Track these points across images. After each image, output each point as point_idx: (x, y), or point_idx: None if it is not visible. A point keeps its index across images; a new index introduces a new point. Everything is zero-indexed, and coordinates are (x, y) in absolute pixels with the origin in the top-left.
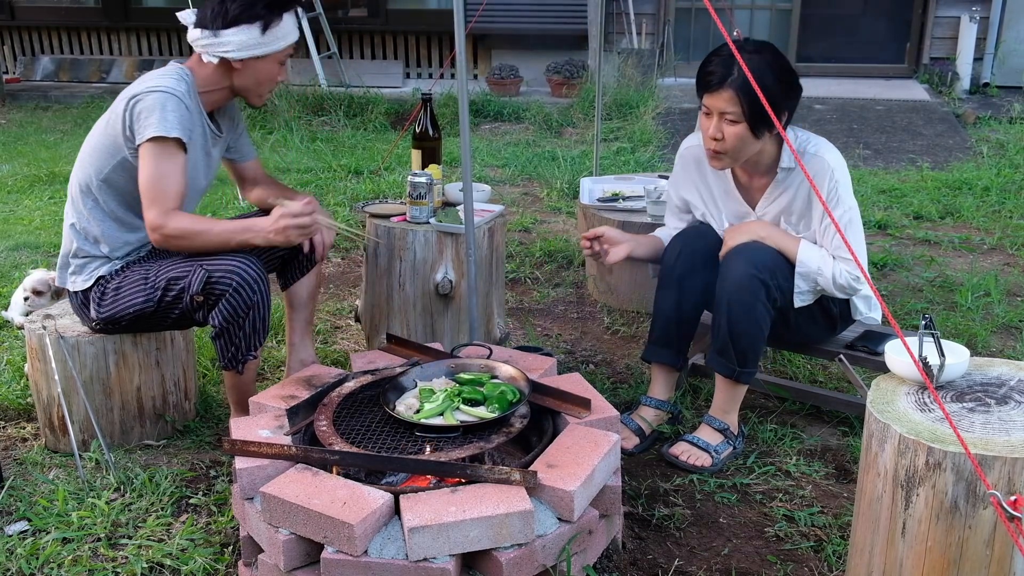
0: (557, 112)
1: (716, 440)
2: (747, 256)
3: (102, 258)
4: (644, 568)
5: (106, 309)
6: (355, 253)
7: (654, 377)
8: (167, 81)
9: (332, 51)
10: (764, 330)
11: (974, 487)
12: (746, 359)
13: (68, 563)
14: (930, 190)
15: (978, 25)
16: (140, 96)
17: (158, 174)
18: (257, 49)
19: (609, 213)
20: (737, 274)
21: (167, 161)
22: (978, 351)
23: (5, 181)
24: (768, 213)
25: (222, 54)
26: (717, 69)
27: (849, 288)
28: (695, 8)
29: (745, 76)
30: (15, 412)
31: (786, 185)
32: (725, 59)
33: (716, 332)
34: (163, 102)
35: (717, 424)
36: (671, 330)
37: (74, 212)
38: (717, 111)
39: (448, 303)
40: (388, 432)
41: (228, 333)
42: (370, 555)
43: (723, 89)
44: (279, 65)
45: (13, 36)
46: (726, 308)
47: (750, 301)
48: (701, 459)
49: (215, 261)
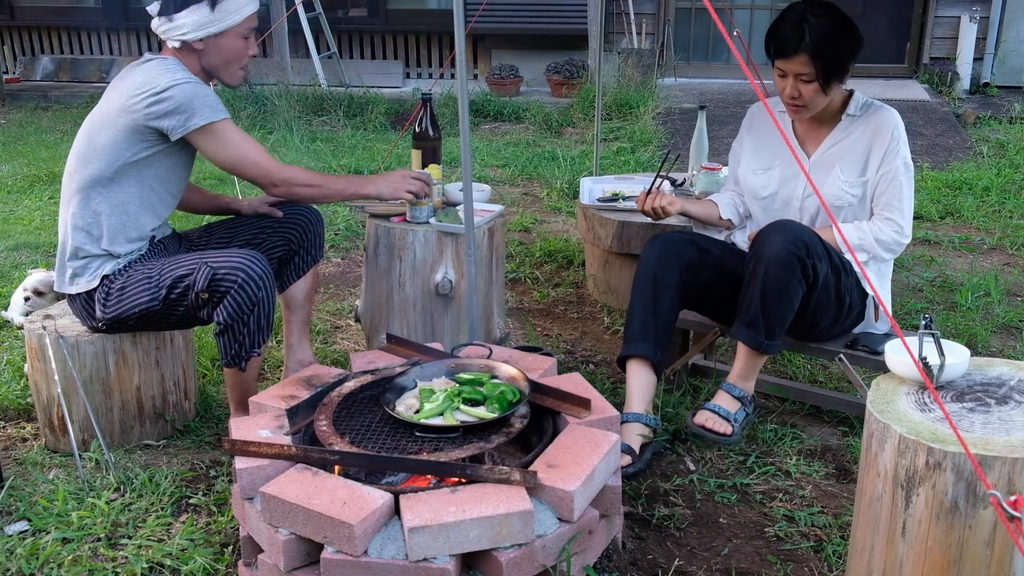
0: (557, 112)
1: (735, 408)
2: (787, 232)
3: (103, 256)
4: (644, 568)
5: (112, 309)
6: (355, 253)
7: (629, 386)
8: (178, 71)
9: (332, 51)
10: (795, 304)
11: (974, 487)
12: (774, 332)
13: (68, 563)
14: (930, 190)
15: (978, 25)
16: (170, 91)
17: (240, 149)
18: (212, 27)
19: (609, 213)
20: (776, 248)
21: (236, 132)
22: (978, 351)
23: (5, 181)
24: (823, 161)
25: (180, 37)
26: (790, 35)
27: (894, 244)
28: (695, 8)
29: (817, 40)
30: (15, 412)
31: (848, 132)
32: (796, 25)
33: (747, 305)
34: (198, 91)
35: (736, 391)
36: (648, 323)
37: (74, 210)
38: (792, 73)
39: (448, 303)
40: (388, 432)
41: (232, 330)
42: (370, 555)
43: (798, 54)
44: (243, 40)
45: (13, 36)
46: (761, 281)
47: (787, 276)
48: (723, 426)
49: (220, 258)
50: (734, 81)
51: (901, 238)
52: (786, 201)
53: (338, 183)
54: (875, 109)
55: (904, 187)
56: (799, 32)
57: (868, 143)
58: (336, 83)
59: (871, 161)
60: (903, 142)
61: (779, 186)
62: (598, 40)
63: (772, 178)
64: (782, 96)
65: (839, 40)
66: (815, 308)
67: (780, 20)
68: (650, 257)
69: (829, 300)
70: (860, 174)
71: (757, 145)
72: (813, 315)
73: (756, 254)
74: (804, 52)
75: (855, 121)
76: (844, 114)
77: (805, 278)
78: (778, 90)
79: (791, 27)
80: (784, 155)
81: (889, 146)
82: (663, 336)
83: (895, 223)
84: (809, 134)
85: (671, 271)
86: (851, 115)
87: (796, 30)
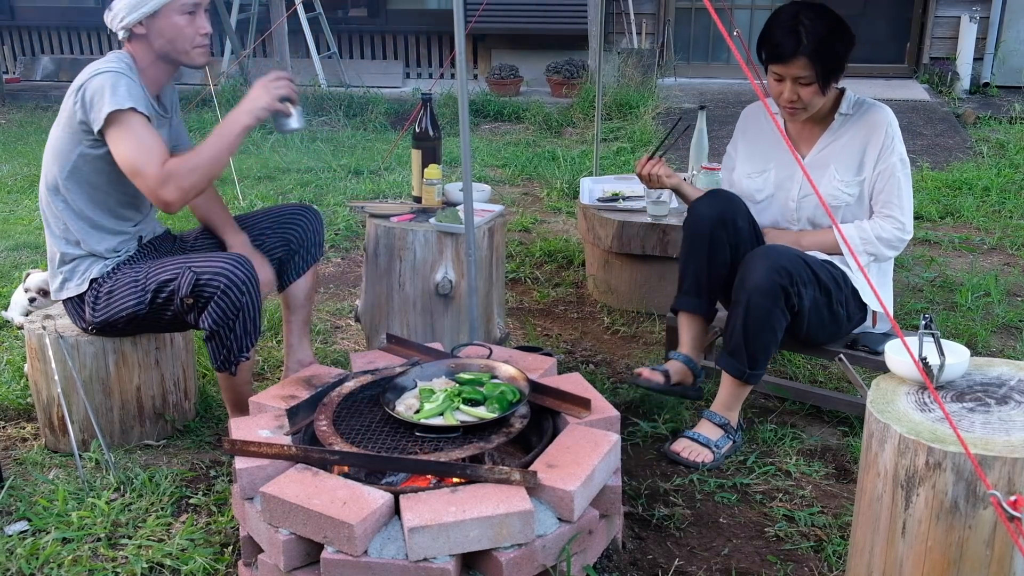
0: (557, 112)
1: (716, 435)
2: (770, 260)
3: (88, 257)
4: (644, 568)
5: (100, 313)
6: (355, 253)
7: (681, 332)
8: (108, 64)
9: (332, 51)
10: (779, 335)
11: (974, 487)
12: (757, 361)
13: (68, 563)
14: (930, 190)
15: (978, 25)
16: (86, 84)
17: (134, 143)
18: (144, 7)
19: (609, 213)
20: (758, 277)
21: (136, 128)
22: (978, 351)
23: (5, 181)
24: (818, 161)
25: (122, 25)
26: (786, 39)
27: (897, 241)
28: (695, 8)
29: (815, 43)
30: (15, 412)
31: (841, 132)
32: (791, 28)
33: (730, 333)
34: (112, 81)
35: (717, 419)
36: (702, 280)
37: (49, 216)
38: (791, 77)
39: (448, 303)
40: (388, 432)
41: (219, 335)
42: (370, 555)
43: (796, 58)
44: (185, 16)
45: (13, 36)
46: (743, 311)
47: (768, 306)
48: (702, 455)
49: (203, 263)
50: (734, 81)
51: (903, 234)
52: (782, 203)
53: (216, 142)
54: (867, 107)
55: (902, 183)
56: (795, 35)
57: (863, 142)
58: (336, 83)
59: (867, 160)
60: (898, 138)
61: (775, 188)
62: (598, 40)
63: (767, 181)
64: (778, 100)
65: (835, 40)
66: (809, 329)
67: (772, 24)
68: (705, 214)
69: (822, 320)
70: (856, 173)
71: (751, 149)
72: (808, 334)
73: (739, 282)
74: (803, 55)
75: (848, 120)
76: (837, 113)
77: (789, 308)
78: (774, 94)
79: (786, 31)
80: (778, 157)
81: (884, 144)
82: (714, 295)
83: (896, 220)
84: (802, 135)
85: (725, 228)
86: (844, 114)
87: (792, 34)
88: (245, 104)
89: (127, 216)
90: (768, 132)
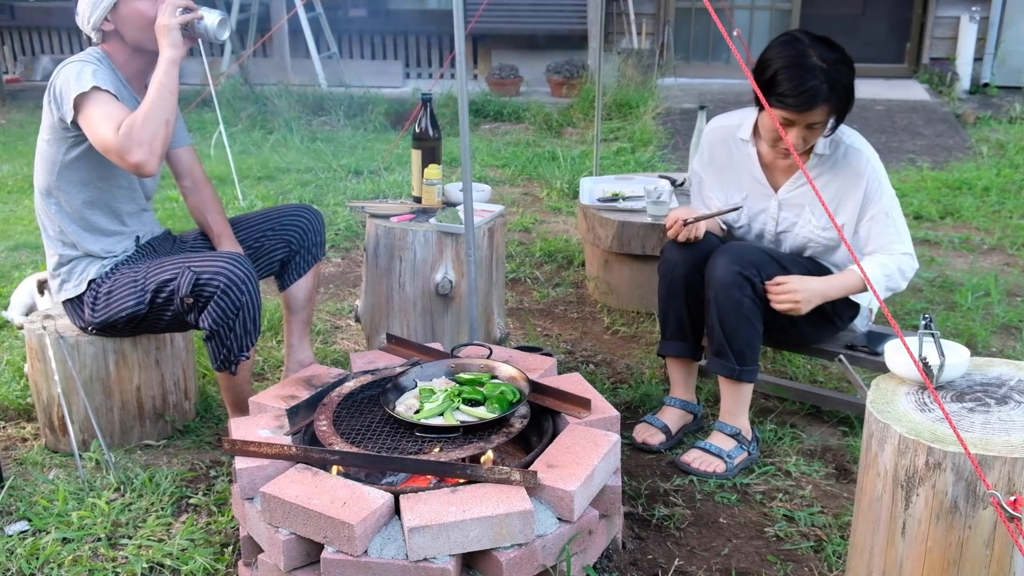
0: (557, 112)
1: (729, 445)
2: (730, 255)
3: (85, 258)
4: (644, 568)
5: (100, 313)
6: (355, 253)
7: (672, 376)
8: (75, 57)
9: (332, 51)
10: (756, 325)
11: (974, 487)
12: (744, 357)
13: (68, 563)
14: (930, 190)
15: (978, 25)
16: (54, 81)
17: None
18: (104, 1)
19: (609, 213)
20: (720, 272)
21: (100, 105)
22: (978, 351)
23: (5, 181)
24: (793, 200)
25: (91, 26)
26: (813, 89)
27: (911, 271)
28: (695, 8)
29: (839, 91)
30: (15, 412)
31: (818, 172)
32: (809, 75)
33: (711, 334)
34: (77, 70)
35: (728, 429)
36: (684, 324)
37: (44, 220)
38: (806, 123)
39: (448, 303)
40: (388, 432)
41: (219, 335)
42: (370, 555)
43: (820, 106)
44: (146, 1)
45: (13, 36)
46: (715, 308)
47: (737, 297)
48: (714, 465)
49: (202, 262)
50: (734, 81)
51: (914, 263)
52: (758, 235)
53: (154, 87)
54: (844, 151)
55: (897, 220)
56: (818, 83)
57: (840, 189)
58: (336, 83)
59: (846, 208)
60: (883, 181)
61: (749, 220)
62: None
63: (740, 213)
64: (776, 143)
65: (851, 79)
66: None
67: (793, 70)
68: (678, 260)
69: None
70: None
71: (721, 179)
72: (801, 332)
73: (706, 283)
74: (827, 103)
75: (824, 162)
76: (813, 153)
77: (757, 296)
78: (771, 136)
79: (804, 78)
80: (751, 188)
81: (867, 194)
82: (698, 335)
83: (905, 253)
84: (777, 164)
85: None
86: (819, 154)
87: (812, 81)
88: (159, 40)
89: (121, 214)
90: (739, 161)
